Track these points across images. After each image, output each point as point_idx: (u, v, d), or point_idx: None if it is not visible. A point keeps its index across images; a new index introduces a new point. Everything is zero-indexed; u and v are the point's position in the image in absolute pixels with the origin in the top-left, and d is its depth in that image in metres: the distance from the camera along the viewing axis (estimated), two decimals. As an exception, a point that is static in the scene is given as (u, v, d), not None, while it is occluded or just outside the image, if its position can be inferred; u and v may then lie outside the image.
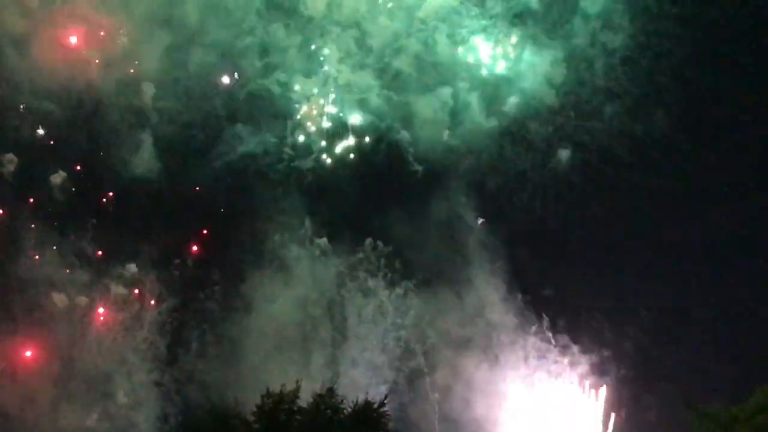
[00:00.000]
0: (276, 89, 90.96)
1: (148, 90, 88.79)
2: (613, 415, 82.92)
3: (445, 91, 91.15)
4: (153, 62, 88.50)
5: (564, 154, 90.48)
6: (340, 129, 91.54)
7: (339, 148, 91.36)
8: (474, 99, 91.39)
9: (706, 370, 76.59)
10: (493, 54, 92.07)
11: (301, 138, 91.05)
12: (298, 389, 44.13)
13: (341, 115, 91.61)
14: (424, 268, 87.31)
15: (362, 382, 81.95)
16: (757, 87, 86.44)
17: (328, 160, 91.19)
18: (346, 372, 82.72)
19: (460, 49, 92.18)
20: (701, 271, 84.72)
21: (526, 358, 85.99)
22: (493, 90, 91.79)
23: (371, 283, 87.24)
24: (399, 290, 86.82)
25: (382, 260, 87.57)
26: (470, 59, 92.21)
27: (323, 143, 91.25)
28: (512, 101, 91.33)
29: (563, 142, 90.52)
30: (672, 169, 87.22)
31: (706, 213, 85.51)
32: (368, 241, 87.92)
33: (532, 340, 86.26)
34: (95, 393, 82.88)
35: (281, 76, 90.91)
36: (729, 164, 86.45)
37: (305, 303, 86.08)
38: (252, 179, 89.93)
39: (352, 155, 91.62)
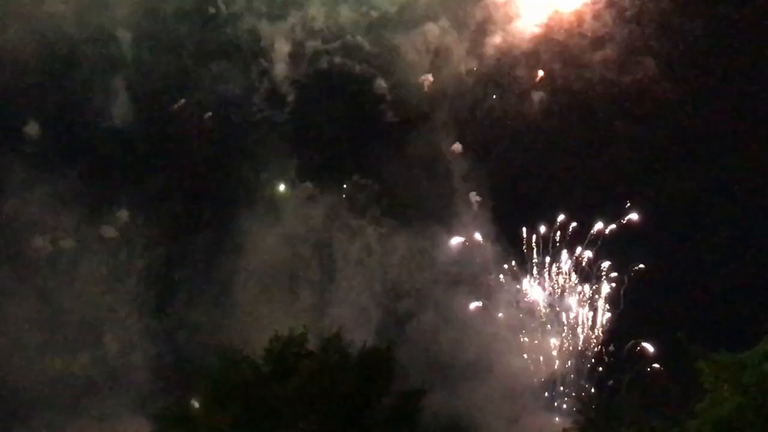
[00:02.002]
0: (252, 33, 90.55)
1: (125, 37, 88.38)
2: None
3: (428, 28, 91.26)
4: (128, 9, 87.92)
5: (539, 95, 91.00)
6: (319, 72, 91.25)
7: (319, 91, 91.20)
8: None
9: (715, 318, 77.16)
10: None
11: (281, 82, 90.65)
12: (305, 333, 44.68)
13: (320, 60, 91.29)
14: (410, 207, 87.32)
15: (349, 322, 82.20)
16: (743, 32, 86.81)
17: (309, 104, 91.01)
18: (333, 313, 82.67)
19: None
20: (688, 219, 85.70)
21: (516, 299, 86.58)
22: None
23: (358, 222, 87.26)
24: (385, 229, 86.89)
25: (368, 199, 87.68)
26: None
27: (302, 87, 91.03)
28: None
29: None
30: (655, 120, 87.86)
31: (687, 163, 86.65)
32: (355, 177, 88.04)
33: (520, 280, 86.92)
34: (85, 338, 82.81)
35: (255, 19, 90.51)
36: (713, 118, 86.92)
37: (293, 245, 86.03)
38: (233, 124, 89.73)
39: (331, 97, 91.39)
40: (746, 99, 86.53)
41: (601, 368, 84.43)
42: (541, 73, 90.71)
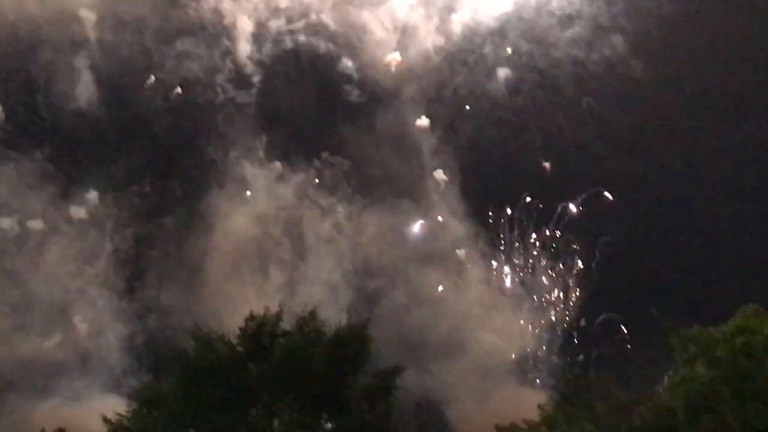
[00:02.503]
0: (216, 13, 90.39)
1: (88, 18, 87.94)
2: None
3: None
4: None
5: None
6: (284, 52, 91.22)
7: (285, 72, 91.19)
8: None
9: (687, 293, 77.81)
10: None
11: (246, 62, 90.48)
12: (281, 313, 44.62)
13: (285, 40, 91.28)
14: (381, 184, 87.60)
15: (320, 301, 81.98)
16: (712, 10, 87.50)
17: (275, 85, 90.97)
18: (304, 291, 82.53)
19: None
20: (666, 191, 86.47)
21: (487, 277, 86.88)
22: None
23: (328, 200, 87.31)
24: (356, 206, 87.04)
25: (338, 177, 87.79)
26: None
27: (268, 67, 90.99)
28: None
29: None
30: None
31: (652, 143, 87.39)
32: (324, 155, 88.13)
33: (495, 254, 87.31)
34: (55, 320, 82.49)
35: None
36: (682, 96, 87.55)
37: (263, 224, 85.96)
38: (199, 105, 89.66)
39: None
40: (715, 77, 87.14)
41: (572, 343, 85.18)
42: (509, 50, 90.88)
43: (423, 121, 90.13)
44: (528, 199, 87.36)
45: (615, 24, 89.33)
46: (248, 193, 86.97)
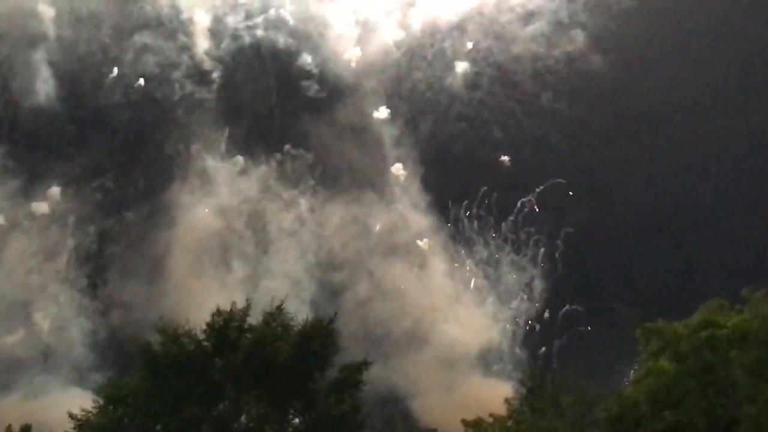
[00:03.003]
0: (174, 8, 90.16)
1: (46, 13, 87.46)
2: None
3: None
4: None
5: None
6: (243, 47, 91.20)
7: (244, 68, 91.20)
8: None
9: (653, 291, 78.49)
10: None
11: (203, 58, 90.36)
12: (248, 307, 44.57)
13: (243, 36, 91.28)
14: (343, 176, 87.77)
15: (284, 294, 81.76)
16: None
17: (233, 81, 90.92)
18: (267, 285, 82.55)
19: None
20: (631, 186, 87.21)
21: (452, 269, 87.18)
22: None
23: (290, 193, 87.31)
24: (319, 199, 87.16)
25: (300, 169, 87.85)
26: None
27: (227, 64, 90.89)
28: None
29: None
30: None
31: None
32: (286, 148, 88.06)
33: (457, 247, 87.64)
34: (16, 316, 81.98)
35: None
36: (640, 91, 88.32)
37: (226, 218, 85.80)
38: (158, 100, 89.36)
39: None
40: (673, 71, 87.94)
41: (535, 335, 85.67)
42: (469, 45, 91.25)
43: (383, 114, 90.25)
44: (487, 192, 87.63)
45: (575, 20, 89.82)
46: (211, 186, 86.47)
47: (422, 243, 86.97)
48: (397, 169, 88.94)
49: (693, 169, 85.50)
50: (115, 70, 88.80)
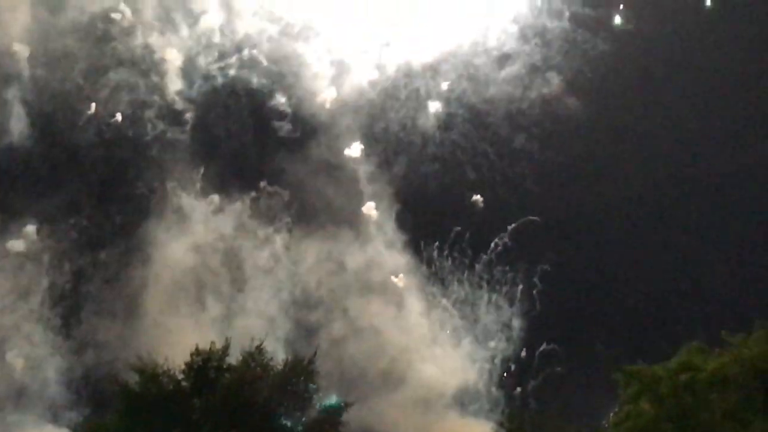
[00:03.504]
0: (147, 48, 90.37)
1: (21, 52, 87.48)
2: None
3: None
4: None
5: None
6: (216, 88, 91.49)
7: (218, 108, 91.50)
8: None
9: (632, 332, 78.72)
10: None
11: (175, 98, 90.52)
12: (227, 347, 44.70)
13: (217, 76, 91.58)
14: (319, 214, 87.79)
15: (259, 333, 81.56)
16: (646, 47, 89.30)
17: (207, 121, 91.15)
18: (242, 324, 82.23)
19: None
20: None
21: (426, 308, 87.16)
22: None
23: (265, 231, 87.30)
24: (294, 237, 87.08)
25: (276, 207, 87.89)
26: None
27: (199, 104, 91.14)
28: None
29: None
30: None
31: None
32: (262, 185, 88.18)
33: (433, 287, 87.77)
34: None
35: (152, 33, 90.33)
36: (615, 133, 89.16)
37: (202, 256, 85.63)
38: (131, 140, 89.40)
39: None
40: (649, 114, 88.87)
41: (512, 375, 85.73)
42: (444, 86, 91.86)
43: (356, 153, 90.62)
44: (461, 231, 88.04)
45: (549, 63, 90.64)
46: (187, 224, 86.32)
47: (397, 282, 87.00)
48: (369, 208, 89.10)
49: (669, 210, 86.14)
50: (93, 106, 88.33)
